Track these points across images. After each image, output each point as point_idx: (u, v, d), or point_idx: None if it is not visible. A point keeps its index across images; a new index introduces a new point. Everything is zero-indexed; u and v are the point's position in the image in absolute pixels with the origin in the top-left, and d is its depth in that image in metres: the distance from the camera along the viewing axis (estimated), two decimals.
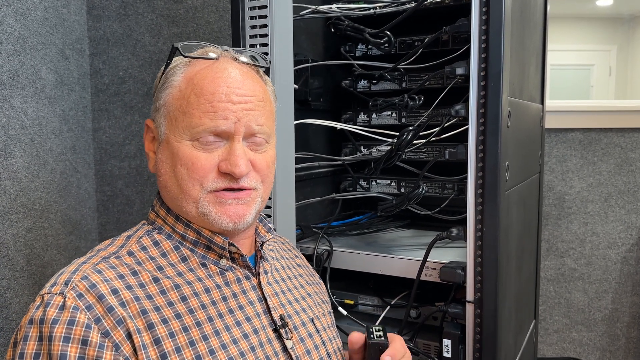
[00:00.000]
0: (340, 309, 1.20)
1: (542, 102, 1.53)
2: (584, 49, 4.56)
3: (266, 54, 1.09)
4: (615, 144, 1.90)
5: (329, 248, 1.24)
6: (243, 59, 0.80)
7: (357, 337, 0.82)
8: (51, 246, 1.45)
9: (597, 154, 1.92)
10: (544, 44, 1.50)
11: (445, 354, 1.07)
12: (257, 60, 0.82)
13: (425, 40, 1.27)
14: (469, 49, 1.00)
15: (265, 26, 1.09)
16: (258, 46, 1.10)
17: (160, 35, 1.70)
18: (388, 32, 1.30)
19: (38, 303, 0.67)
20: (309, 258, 1.16)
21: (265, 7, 1.09)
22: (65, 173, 1.53)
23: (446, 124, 1.15)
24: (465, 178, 1.02)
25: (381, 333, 0.79)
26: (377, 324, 0.83)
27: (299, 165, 1.27)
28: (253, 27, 1.11)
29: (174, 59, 0.79)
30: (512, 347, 1.18)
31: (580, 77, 4.64)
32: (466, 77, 1.03)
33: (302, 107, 1.34)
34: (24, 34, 1.35)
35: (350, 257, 1.23)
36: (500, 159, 0.98)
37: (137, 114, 1.73)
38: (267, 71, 0.85)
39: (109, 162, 1.72)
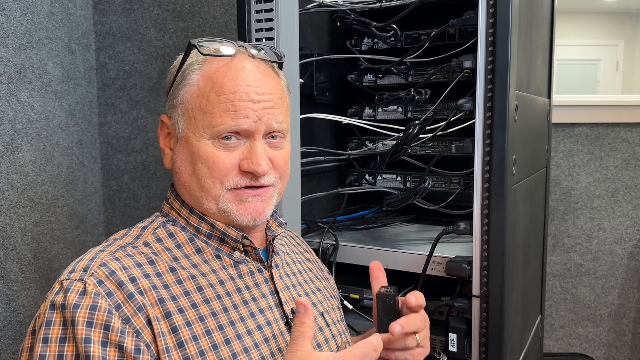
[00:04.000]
0: (346, 303, 1.21)
1: (549, 96, 1.52)
2: (591, 44, 4.52)
3: (283, 55, 1.08)
4: (623, 139, 1.89)
5: (334, 242, 1.24)
6: (259, 55, 0.80)
7: (374, 264, 0.83)
8: (58, 240, 1.46)
9: (604, 148, 1.91)
10: (551, 38, 1.49)
11: (451, 348, 1.07)
12: (272, 56, 0.82)
13: (432, 34, 1.27)
14: (475, 43, 0.99)
15: (271, 20, 1.09)
16: (264, 40, 1.10)
17: (166, 29, 1.70)
18: (394, 26, 1.29)
19: (57, 289, 0.67)
20: (314, 252, 1.16)
21: (271, 0, 1.09)
22: (72, 167, 1.54)
23: (452, 118, 1.14)
24: (472, 172, 1.02)
25: (390, 289, 0.77)
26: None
27: (304, 160, 1.27)
28: (259, 20, 1.10)
29: (190, 54, 0.78)
30: (518, 342, 1.18)
31: (587, 72, 4.60)
32: (473, 71, 1.02)
33: (308, 101, 1.34)
34: (30, 28, 1.35)
35: (356, 251, 1.23)
36: (507, 153, 0.97)
37: (143, 109, 1.73)
38: (280, 66, 0.85)
39: (115, 156, 1.73)
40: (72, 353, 0.63)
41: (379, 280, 0.82)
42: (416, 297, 0.76)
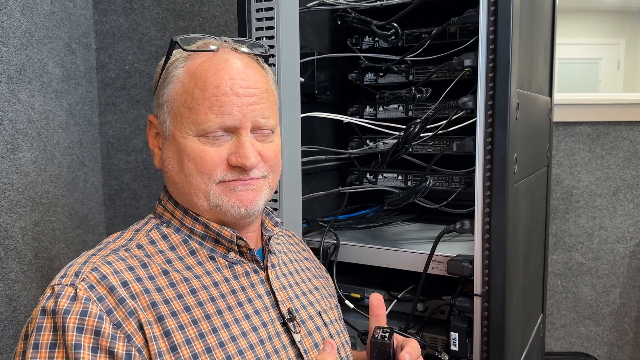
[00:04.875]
0: (347, 302, 1.20)
1: (551, 95, 1.51)
2: (592, 43, 4.52)
3: (272, 46, 1.08)
4: (624, 138, 1.89)
5: (335, 242, 1.24)
6: (243, 49, 0.79)
7: (376, 298, 0.82)
8: (59, 240, 1.46)
9: (605, 147, 1.90)
10: (552, 36, 1.49)
11: (452, 347, 1.06)
12: (257, 49, 0.81)
13: (433, 32, 1.27)
14: (476, 41, 0.99)
15: (271, 18, 1.09)
16: (264, 39, 1.10)
17: (166, 29, 1.70)
18: (395, 24, 1.29)
19: (48, 294, 0.67)
20: (315, 252, 1.16)
21: None
22: (72, 167, 1.54)
23: (454, 117, 1.14)
24: (473, 171, 1.02)
25: (386, 335, 0.78)
26: (386, 325, 0.81)
27: (305, 159, 1.27)
28: (259, 19, 1.10)
29: (174, 52, 0.78)
30: (519, 341, 1.18)
31: (588, 71, 4.60)
32: (474, 69, 1.02)
33: (309, 100, 1.34)
34: (30, 27, 1.35)
35: (357, 250, 1.22)
36: (509, 151, 0.97)
37: (143, 108, 1.73)
38: (266, 60, 0.84)
39: (115, 156, 1.73)
40: (62, 359, 0.63)
41: (377, 319, 0.82)
42: (410, 355, 0.76)
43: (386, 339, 0.77)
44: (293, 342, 0.78)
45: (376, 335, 0.77)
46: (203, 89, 0.74)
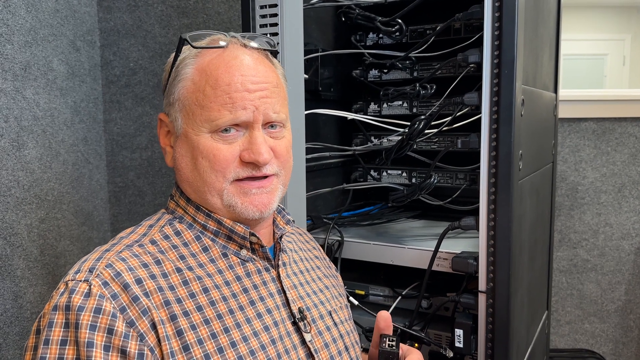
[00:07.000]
0: (351, 299, 1.20)
1: (556, 91, 1.51)
2: (598, 38, 4.49)
3: (276, 43, 1.08)
4: (630, 134, 1.88)
5: (339, 238, 1.24)
6: (252, 44, 0.79)
7: (383, 319, 0.85)
8: (64, 237, 1.46)
9: (610, 143, 1.89)
10: (557, 32, 1.48)
11: (457, 344, 1.06)
12: (265, 45, 0.81)
13: (437, 28, 1.26)
14: (481, 37, 0.98)
15: (275, 15, 1.09)
16: (268, 35, 1.09)
17: (170, 26, 1.70)
18: (399, 20, 1.29)
19: (62, 290, 0.67)
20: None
21: None
22: (77, 164, 1.54)
23: (458, 113, 1.14)
24: (478, 168, 1.01)
25: (394, 343, 0.81)
26: (392, 334, 0.85)
27: (309, 156, 1.27)
28: (263, 16, 1.10)
29: (183, 49, 0.78)
30: (524, 338, 1.18)
31: (593, 67, 4.57)
32: (479, 66, 1.01)
33: (313, 97, 1.34)
34: (35, 25, 1.36)
35: (361, 247, 1.22)
36: (514, 147, 0.97)
37: (147, 105, 1.73)
38: (274, 54, 0.84)
39: (120, 153, 1.73)
40: (72, 356, 0.63)
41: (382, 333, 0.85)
42: None
43: (394, 347, 0.81)
44: (303, 341, 0.78)
45: (384, 345, 0.81)
46: (215, 86, 0.74)
